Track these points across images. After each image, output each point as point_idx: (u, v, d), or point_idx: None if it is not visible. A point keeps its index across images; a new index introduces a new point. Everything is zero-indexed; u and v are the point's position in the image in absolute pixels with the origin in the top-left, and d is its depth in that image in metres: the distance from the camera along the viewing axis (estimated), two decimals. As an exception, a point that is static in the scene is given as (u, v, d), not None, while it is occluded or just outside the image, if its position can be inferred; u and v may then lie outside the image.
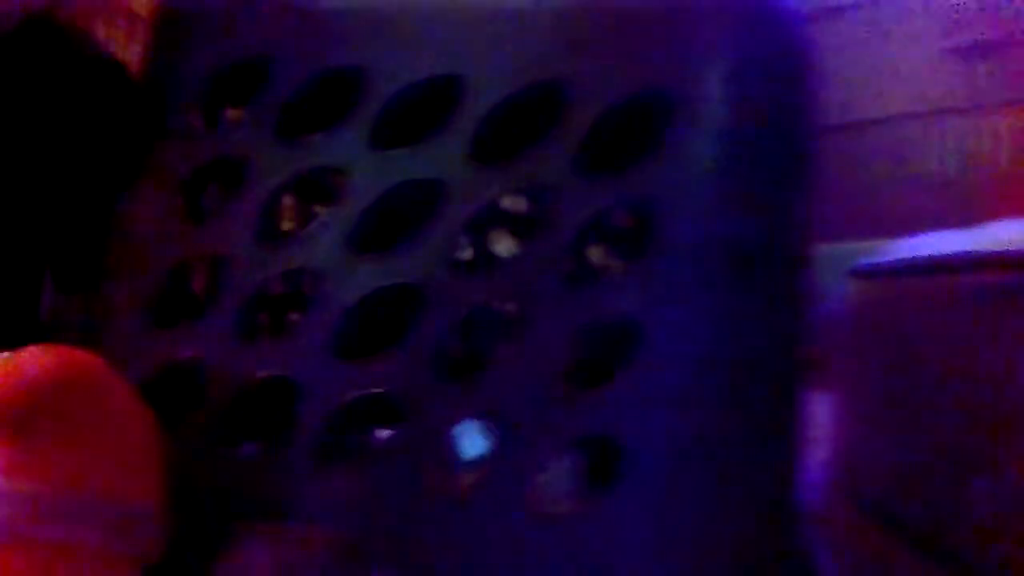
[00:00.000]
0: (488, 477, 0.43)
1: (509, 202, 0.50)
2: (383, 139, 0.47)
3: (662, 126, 0.43)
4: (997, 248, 0.49)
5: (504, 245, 0.50)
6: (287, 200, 0.52)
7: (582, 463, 0.45)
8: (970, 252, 0.50)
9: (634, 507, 0.41)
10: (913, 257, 0.55)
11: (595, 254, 0.48)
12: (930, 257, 0.53)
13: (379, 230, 0.47)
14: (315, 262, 0.47)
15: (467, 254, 0.49)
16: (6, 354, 0.38)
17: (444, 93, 0.46)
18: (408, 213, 0.46)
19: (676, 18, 0.44)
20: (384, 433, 0.46)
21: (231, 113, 0.52)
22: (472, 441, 0.46)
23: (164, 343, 0.48)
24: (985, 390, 0.47)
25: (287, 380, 0.46)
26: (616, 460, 0.41)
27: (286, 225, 0.52)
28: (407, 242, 0.46)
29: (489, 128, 0.46)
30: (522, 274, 0.45)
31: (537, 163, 0.45)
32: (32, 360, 0.37)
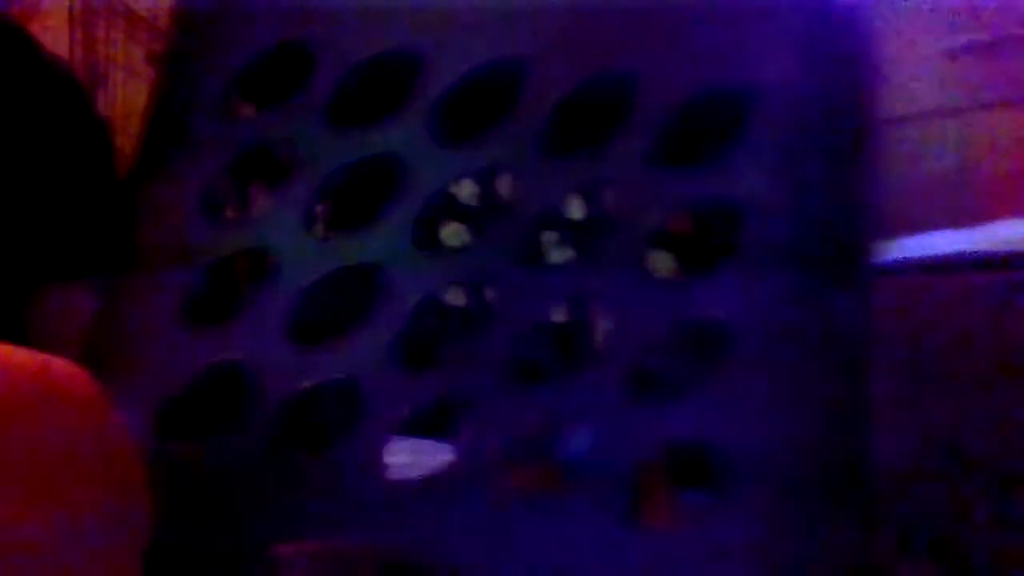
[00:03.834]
0: (577, 484, 0.41)
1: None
2: (442, 128, 0.45)
3: (736, 121, 0.42)
4: (997, 248, 0.49)
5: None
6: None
7: (676, 471, 0.43)
8: (970, 252, 0.50)
9: (733, 515, 0.39)
10: (914, 257, 0.55)
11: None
12: (931, 257, 0.53)
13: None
14: (378, 259, 0.44)
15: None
16: None
17: (504, 82, 0.44)
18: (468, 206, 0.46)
19: (749, 11, 0.43)
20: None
21: (245, 109, 0.49)
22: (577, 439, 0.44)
23: (206, 344, 0.44)
24: (986, 389, 0.47)
25: (345, 385, 0.43)
26: (710, 468, 0.40)
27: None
28: (474, 242, 0.45)
29: (555, 120, 0.43)
30: (598, 276, 0.42)
31: (608, 158, 0.42)
32: None
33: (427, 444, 0.43)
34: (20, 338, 0.58)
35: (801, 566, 0.39)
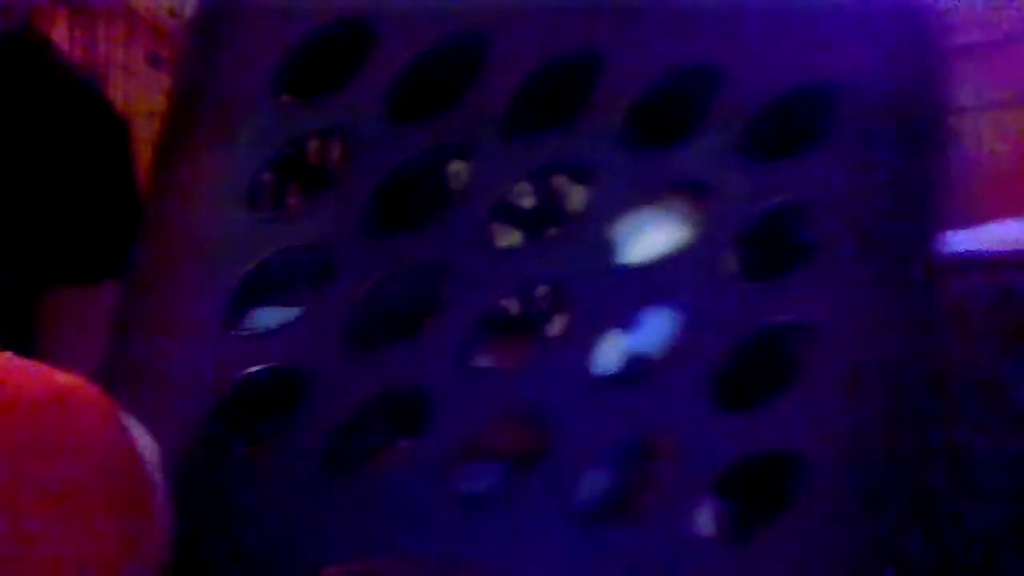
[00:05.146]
0: (646, 497, 0.40)
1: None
2: (509, 121, 0.42)
3: (818, 121, 0.41)
4: (997, 248, 0.49)
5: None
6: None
7: (743, 487, 0.41)
8: (970, 252, 0.50)
9: (812, 524, 0.38)
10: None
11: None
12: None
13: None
14: (451, 259, 0.41)
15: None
16: None
17: (580, 74, 0.42)
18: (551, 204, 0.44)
19: (836, 10, 0.42)
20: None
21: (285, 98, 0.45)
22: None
23: (251, 350, 0.41)
24: (984, 392, 0.47)
25: (413, 394, 0.40)
26: (782, 478, 0.39)
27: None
28: (548, 237, 0.43)
29: (639, 114, 0.42)
30: (682, 275, 0.41)
31: (698, 153, 0.41)
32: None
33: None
34: (30, 339, 0.58)
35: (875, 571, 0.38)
